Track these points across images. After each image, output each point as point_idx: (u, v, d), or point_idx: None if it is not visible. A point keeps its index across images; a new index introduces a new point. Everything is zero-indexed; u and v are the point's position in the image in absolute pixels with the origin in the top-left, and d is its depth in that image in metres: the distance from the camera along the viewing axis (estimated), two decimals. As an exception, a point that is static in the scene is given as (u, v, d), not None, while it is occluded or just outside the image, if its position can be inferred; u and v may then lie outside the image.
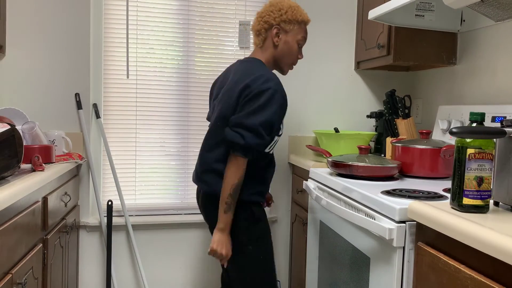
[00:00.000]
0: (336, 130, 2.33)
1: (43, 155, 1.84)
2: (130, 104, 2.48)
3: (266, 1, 2.57)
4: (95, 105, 2.39)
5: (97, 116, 2.39)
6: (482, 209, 1.12)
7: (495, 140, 1.16)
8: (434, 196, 1.36)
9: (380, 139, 2.40)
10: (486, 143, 1.10)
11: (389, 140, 2.16)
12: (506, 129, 1.13)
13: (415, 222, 1.23)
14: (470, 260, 1.00)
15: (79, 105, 2.35)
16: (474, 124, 1.13)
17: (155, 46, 2.48)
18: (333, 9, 2.60)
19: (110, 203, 2.35)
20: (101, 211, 2.38)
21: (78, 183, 2.38)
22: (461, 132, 1.10)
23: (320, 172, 1.93)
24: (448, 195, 1.29)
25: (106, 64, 2.43)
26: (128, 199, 2.49)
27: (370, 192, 1.45)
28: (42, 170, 1.71)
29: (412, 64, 2.32)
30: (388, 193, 1.42)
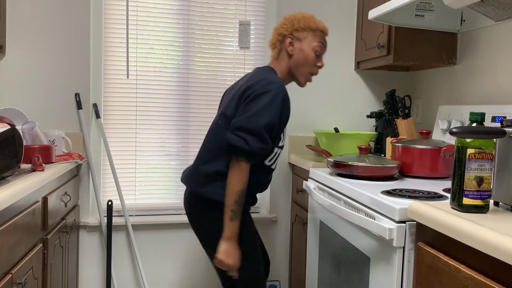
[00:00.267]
0: (336, 130, 2.33)
1: (43, 155, 1.85)
2: (130, 104, 2.48)
3: (267, 1, 2.58)
4: (95, 105, 2.39)
5: (97, 116, 2.39)
6: (482, 209, 1.12)
7: (495, 140, 1.16)
8: (434, 196, 1.36)
9: (380, 139, 2.40)
10: (486, 143, 1.10)
11: (389, 140, 2.16)
12: (506, 129, 1.13)
13: (415, 222, 1.23)
14: (470, 260, 1.00)
15: (79, 105, 2.35)
16: (474, 124, 1.13)
17: (155, 46, 2.48)
18: (333, 9, 2.60)
19: (110, 203, 2.35)
20: (101, 211, 2.38)
21: (78, 183, 2.38)
22: (461, 132, 1.10)
23: (320, 172, 1.93)
24: (448, 195, 1.29)
25: (106, 64, 2.43)
26: (128, 199, 2.49)
27: (370, 192, 1.44)
28: (42, 170, 1.71)
29: (412, 64, 2.32)
30: (388, 193, 1.42)
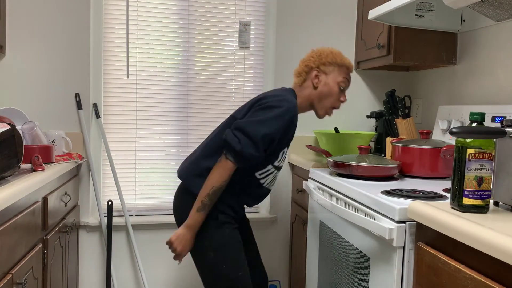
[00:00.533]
0: (336, 130, 2.33)
1: (43, 155, 1.85)
2: (130, 104, 2.48)
3: (267, 1, 2.58)
4: (95, 105, 2.39)
5: (97, 116, 2.39)
6: (482, 209, 1.12)
7: (495, 140, 1.16)
8: (434, 196, 1.36)
9: (380, 139, 2.40)
10: (486, 143, 1.10)
11: (389, 140, 2.16)
12: (506, 129, 1.13)
13: (415, 222, 1.23)
14: (470, 260, 1.00)
15: (79, 105, 2.35)
16: (474, 124, 1.13)
17: (155, 46, 2.48)
18: (333, 9, 2.60)
19: (110, 203, 2.35)
20: (101, 211, 2.38)
21: (78, 183, 2.38)
22: (461, 132, 1.10)
23: (320, 172, 1.93)
24: (448, 195, 1.29)
25: (106, 64, 2.43)
26: (128, 199, 2.49)
27: (370, 192, 1.44)
28: (42, 170, 1.71)
29: (412, 64, 2.32)
30: (388, 193, 1.42)
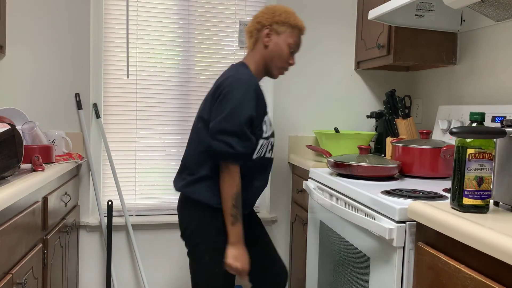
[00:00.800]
0: (336, 130, 2.33)
1: (43, 155, 1.84)
2: (130, 104, 2.48)
3: (267, 1, 2.58)
4: (95, 105, 2.39)
5: (97, 116, 2.39)
6: (482, 209, 1.11)
7: (495, 140, 1.16)
8: (434, 196, 1.36)
9: (380, 139, 2.40)
10: (486, 143, 1.10)
11: (389, 140, 2.16)
12: (506, 129, 1.13)
13: (415, 222, 1.23)
14: (470, 260, 1.00)
15: (79, 105, 2.35)
16: (474, 124, 1.13)
17: (155, 46, 2.48)
18: (333, 9, 2.60)
19: (110, 203, 2.35)
20: (101, 211, 2.38)
21: (78, 183, 2.38)
22: (461, 132, 1.10)
23: (320, 172, 1.93)
24: (448, 195, 1.29)
25: (106, 64, 2.43)
26: (128, 199, 2.49)
27: (370, 192, 1.44)
28: (42, 170, 1.71)
29: (412, 64, 2.32)
30: (388, 193, 1.42)
